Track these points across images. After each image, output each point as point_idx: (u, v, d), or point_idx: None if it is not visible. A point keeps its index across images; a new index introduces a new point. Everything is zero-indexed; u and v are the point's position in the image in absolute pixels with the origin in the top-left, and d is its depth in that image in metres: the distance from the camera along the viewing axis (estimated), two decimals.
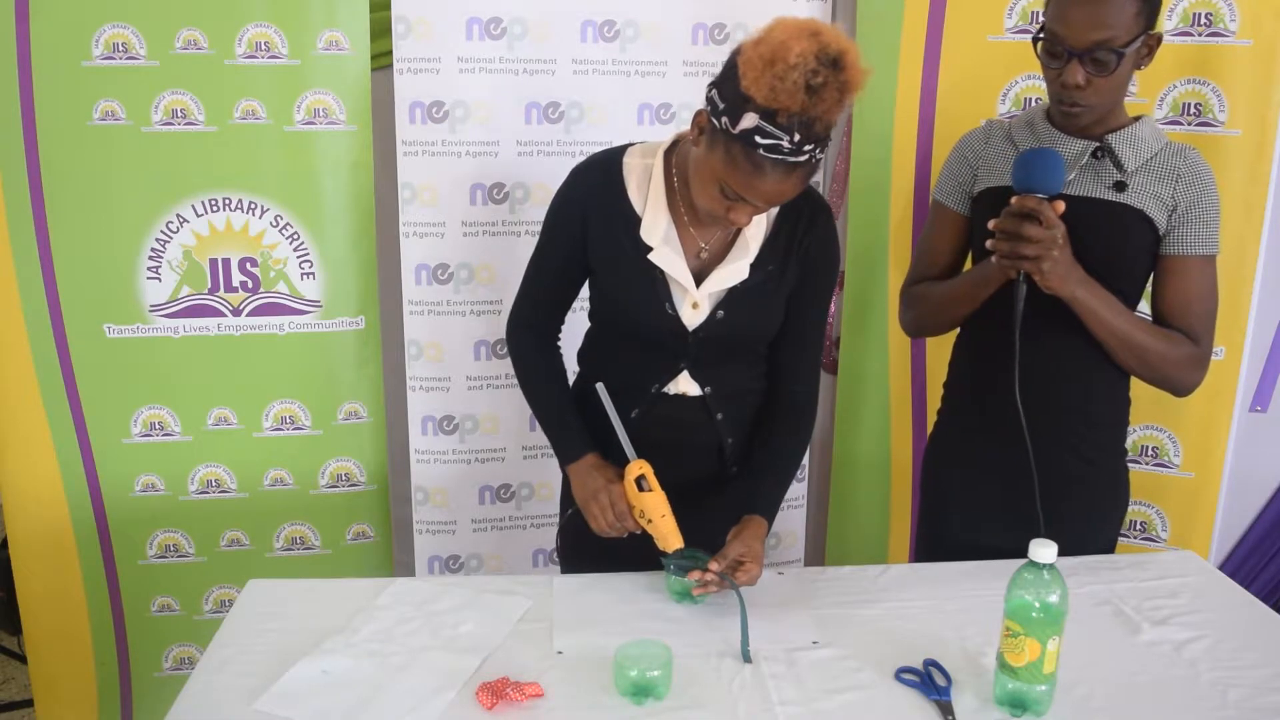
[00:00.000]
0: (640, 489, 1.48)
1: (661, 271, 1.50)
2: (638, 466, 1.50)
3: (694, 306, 1.52)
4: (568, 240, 1.54)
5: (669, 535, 1.48)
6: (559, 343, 1.67)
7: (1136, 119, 1.57)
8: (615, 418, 1.51)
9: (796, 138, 1.26)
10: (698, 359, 1.56)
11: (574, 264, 1.56)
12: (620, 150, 1.54)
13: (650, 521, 1.48)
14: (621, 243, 1.51)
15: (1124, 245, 1.55)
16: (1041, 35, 1.49)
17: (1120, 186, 1.54)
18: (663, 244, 1.49)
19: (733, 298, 1.52)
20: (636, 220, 1.50)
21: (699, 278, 1.51)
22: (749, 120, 1.27)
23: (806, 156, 1.29)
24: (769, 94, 1.24)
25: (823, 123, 1.27)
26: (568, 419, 1.60)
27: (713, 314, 1.52)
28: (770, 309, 1.55)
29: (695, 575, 1.42)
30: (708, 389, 1.58)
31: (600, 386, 1.52)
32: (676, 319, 1.52)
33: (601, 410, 1.53)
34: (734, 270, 1.50)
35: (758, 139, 1.27)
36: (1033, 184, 1.45)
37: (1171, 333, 1.56)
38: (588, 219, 1.52)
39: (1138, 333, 1.53)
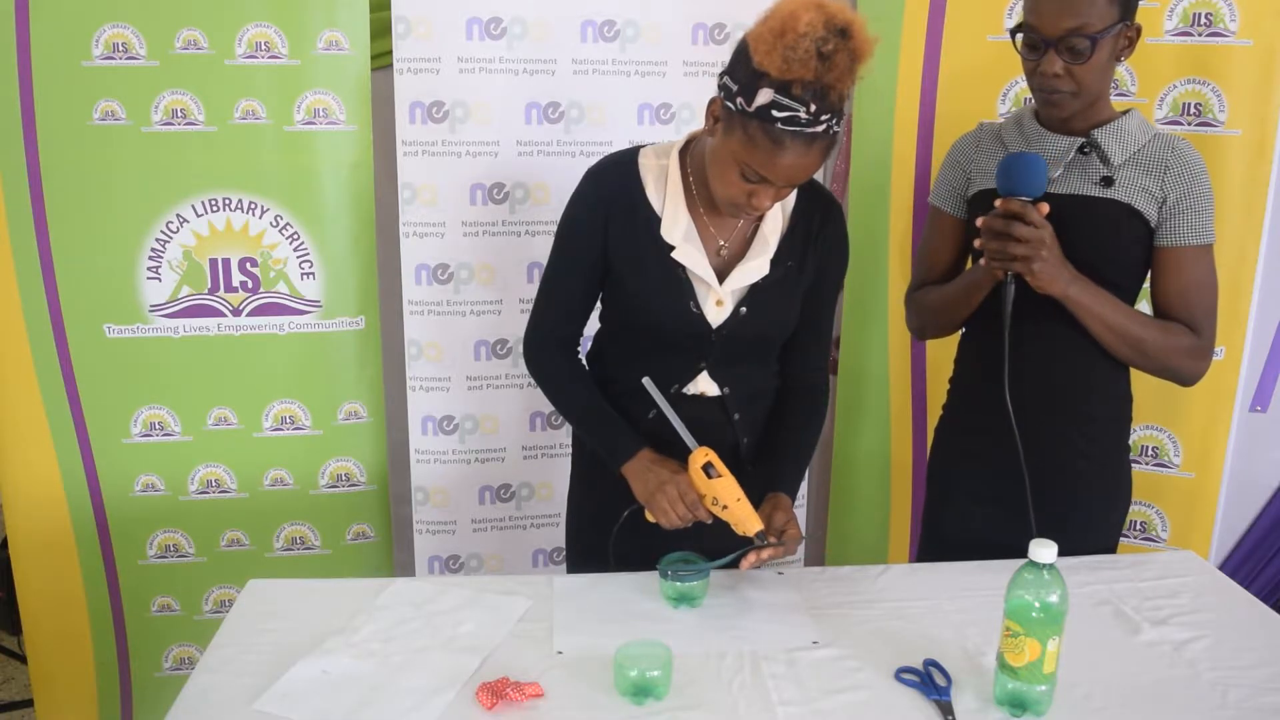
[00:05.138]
0: (709, 476, 1.45)
1: (684, 270, 1.51)
2: (703, 454, 1.46)
3: (718, 304, 1.52)
4: (590, 244, 1.53)
5: (747, 518, 1.44)
6: (579, 350, 1.66)
7: (1125, 113, 1.57)
8: (668, 409, 1.48)
9: (813, 108, 1.27)
10: (718, 358, 1.56)
11: (596, 268, 1.55)
12: (633, 152, 1.54)
13: (725, 507, 1.44)
14: (643, 243, 1.50)
15: (1113, 240, 1.55)
16: (1020, 31, 1.50)
17: (1107, 182, 1.54)
18: (684, 242, 1.49)
19: (755, 294, 1.53)
20: (657, 220, 1.50)
21: (720, 275, 1.51)
22: (764, 95, 1.27)
23: (824, 127, 1.30)
24: (782, 65, 1.25)
25: (836, 91, 1.28)
26: (613, 422, 1.57)
27: (736, 311, 1.52)
28: (790, 304, 1.56)
29: (751, 560, 1.44)
30: (726, 389, 1.58)
31: (648, 380, 1.49)
32: (701, 317, 1.52)
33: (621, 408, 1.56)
34: (755, 266, 1.51)
35: (774, 113, 1.27)
36: (1015, 187, 1.46)
37: (1169, 323, 1.56)
38: (609, 220, 1.51)
39: (1134, 326, 1.53)
